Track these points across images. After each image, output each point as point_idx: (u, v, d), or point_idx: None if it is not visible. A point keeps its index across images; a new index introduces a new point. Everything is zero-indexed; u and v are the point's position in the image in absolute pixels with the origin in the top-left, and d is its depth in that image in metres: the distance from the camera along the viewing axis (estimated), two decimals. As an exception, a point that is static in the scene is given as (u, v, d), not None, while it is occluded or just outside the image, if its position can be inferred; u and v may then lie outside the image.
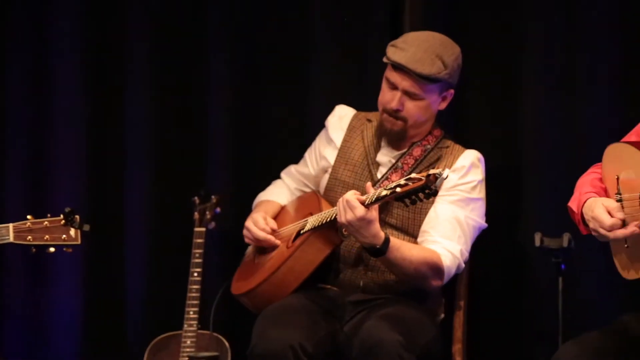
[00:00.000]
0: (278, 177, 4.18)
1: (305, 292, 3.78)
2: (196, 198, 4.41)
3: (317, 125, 4.15)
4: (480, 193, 3.84)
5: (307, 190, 4.07)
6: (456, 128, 4.15)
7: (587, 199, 3.10)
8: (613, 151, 3.15)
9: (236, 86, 4.57)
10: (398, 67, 3.75)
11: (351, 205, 3.52)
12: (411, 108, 3.79)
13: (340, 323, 3.75)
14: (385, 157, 3.88)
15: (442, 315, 3.93)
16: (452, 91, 3.85)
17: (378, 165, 3.88)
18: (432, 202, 3.78)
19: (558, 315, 3.94)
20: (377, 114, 3.94)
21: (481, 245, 4.06)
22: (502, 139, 4.32)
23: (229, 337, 4.29)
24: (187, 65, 4.59)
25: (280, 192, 4.11)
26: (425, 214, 3.78)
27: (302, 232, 3.79)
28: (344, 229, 3.67)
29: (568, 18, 4.18)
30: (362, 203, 3.53)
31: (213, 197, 4.40)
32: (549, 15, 4.19)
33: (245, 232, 3.95)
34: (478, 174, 3.83)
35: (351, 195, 3.55)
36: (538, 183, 4.22)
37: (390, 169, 3.85)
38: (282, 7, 4.54)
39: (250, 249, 4.04)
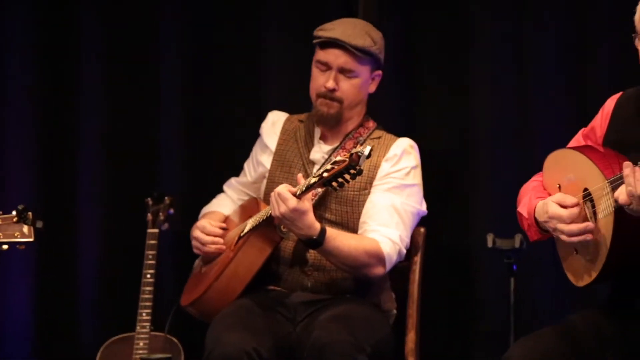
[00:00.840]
0: (233, 177, 4.18)
1: (257, 295, 3.78)
2: (149, 199, 4.39)
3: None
4: (415, 179, 3.85)
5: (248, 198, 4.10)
6: (407, 127, 4.17)
7: (537, 203, 3.11)
8: (553, 159, 3.16)
9: (189, 86, 4.57)
10: (332, 44, 3.79)
11: (283, 198, 3.54)
12: (346, 87, 3.83)
13: (293, 324, 3.75)
14: (318, 153, 3.91)
15: (395, 311, 3.95)
16: (380, 72, 3.91)
17: (313, 163, 3.90)
18: (369, 194, 3.81)
19: (510, 315, 3.97)
20: (309, 114, 3.98)
21: (433, 246, 4.09)
22: (453, 140, 4.35)
23: (182, 339, 4.27)
24: (140, 64, 4.59)
25: (222, 203, 4.12)
26: (363, 206, 3.81)
27: (242, 235, 3.80)
28: (281, 226, 3.69)
29: (519, 15, 4.23)
30: (294, 194, 3.55)
31: (166, 198, 4.39)
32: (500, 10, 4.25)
33: (193, 241, 3.94)
34: (411, 160, 3.86)
35: (282, 188, 3.56)
36: (490, 184, 4.26)
37: (324, 164, 3.86)
38: (233, 7, 4.55)
39: (197, 261, 4.04)
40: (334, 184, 3.49)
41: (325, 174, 3.47)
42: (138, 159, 4.60)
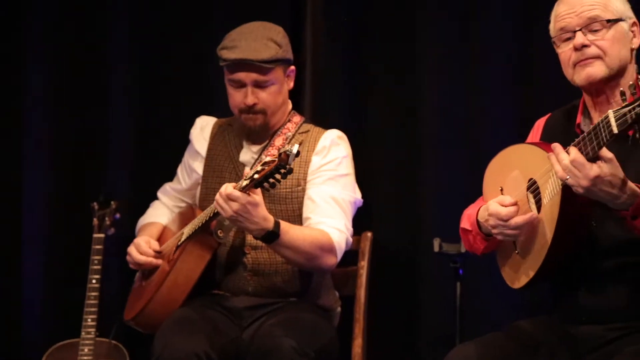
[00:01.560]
0: (167, 182, 4.16)
1: (203, 301, 3.78)
2: (95, 204, 4.36)
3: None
4: (347, 168, 3.87)
5: (184, 205, 4.09)
6: (356, 130, 4.17)
7: (478, 210, 3.16)
8: (492, 166, 3.21)
9: (138, 90, 4.55)
10: (239, 64, 3.78)
11: (233, 197, 3.53)
12: (265, 97, 3.82)
13: (240, 329, 3.75)
14: (248, 154, 3.91)
15: (339, 309, 3.96)
16: (293, 68, 3.91)
17: (243, 165, 3.90)
18: (303, 190, 3.81)
19: (456, 319, 3.99)
20: (237, 118, 3.97)
21: (381, 250, 4.10)
22: (401, 144, 4.36)
23: (127, 345, 4.24)
24: (88, 67, 4.57)
25: (159, 212, 4.11)
26: (297, 203, 3.81)
27: (179, 244, 3.80)
28: (218, 231, 3.70)
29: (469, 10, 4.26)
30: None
31: (112, 202, 4.35)
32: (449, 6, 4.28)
33: (127, 257, 3.93)
34: (341, 151, 3.87)
35: (228, 188, 3.54)
36: (437, 189, 4.27)
37: (254, 164, 3.86)
38: (183, 10, 4.53)
39: (138, 275, 4.02)
40: (266, 184, 3.50)
41: (256, 176, 3.48)
42: (84, 162, 4.57)
